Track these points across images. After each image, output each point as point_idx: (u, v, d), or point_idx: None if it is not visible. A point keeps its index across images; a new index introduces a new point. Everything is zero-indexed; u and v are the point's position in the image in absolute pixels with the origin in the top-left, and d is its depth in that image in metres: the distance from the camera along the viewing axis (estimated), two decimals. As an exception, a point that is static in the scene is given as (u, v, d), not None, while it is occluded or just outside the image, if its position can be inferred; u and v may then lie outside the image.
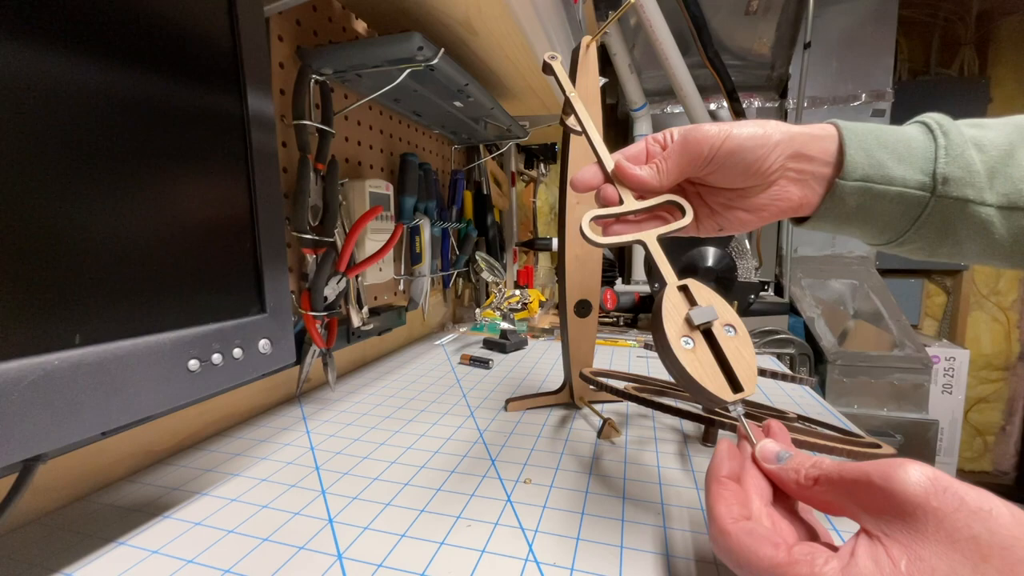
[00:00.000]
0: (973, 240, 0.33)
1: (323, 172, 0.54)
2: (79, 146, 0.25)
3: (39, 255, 0.24)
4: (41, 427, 0.23)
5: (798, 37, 1.70)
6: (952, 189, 0.31)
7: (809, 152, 0.32)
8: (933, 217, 0.32)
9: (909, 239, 0.33)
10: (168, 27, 0.30)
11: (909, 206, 0.32)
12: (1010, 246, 0.33)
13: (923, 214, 0.32)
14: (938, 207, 0.31)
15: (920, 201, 0.31)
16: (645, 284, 1.50)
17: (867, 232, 0.34)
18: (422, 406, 0.56)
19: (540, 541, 0.31)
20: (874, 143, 0.31)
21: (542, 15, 0.64)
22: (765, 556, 0.22)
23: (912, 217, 0.32)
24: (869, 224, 0.33)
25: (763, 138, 0.31)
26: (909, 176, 0.31)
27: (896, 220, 0.32)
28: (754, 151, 0.31)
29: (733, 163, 0.31)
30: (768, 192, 0.33)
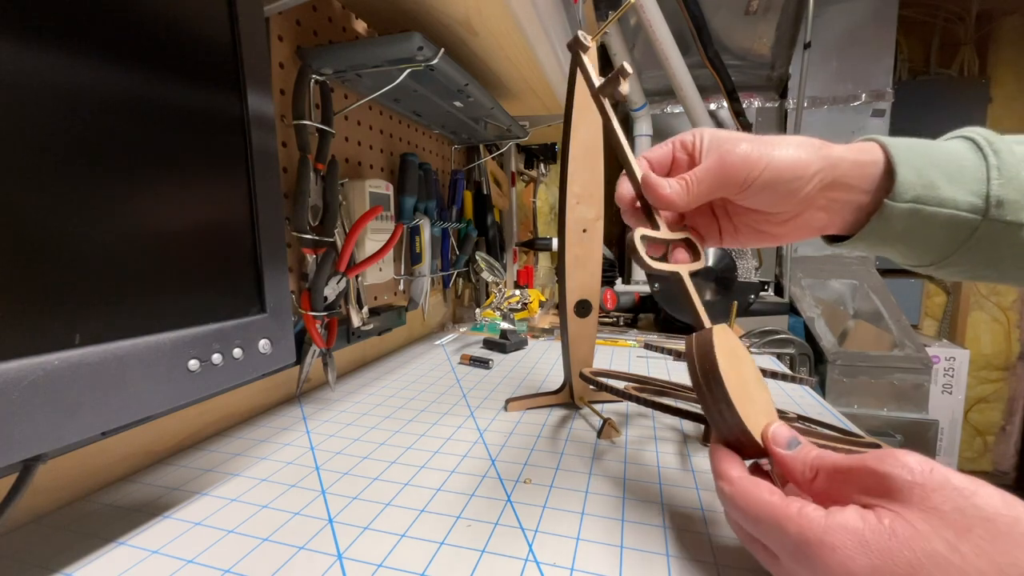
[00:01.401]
0: (1019, 266, 0.31)
1: (323, 172, 0.54)
2: (79, 146, 0.25)
3: (39, 255, 0.24)
4: (41, 427, 0.23)
5: (798, 37, 1.70)
6: (1006, 213, 0.28)
7: (848, 181, 0.30)
8: (981, 242, 0.30)
9: (952, 262, 0.31)
10: (168, 27, 0.30)
11: (957, 229, 0.29)
12: None
13: (971, 238, 0.30)
14: (988, 231, 0.29)
15: (970, 224, 0.29)
16: (645, 284, 1.50)
17: (908, 255, 0.33)
18: (422, 406, 0.56)
19: (540, 541, 0.31)
20: (924, 162, 0.29)
21: (542, 15, 0.64)
22: (764, 500, 0.24)
23: (959, 241, 0.30)
24: (912, 247, 0.31)
25: (802, 168, 0.29)
26: (960, 197, 0.29)
27: (941, 244, 0.31)
28: (790, 183, 0.29)
29: (767, 194, 0.30)
30: (797, 219, 0.32)
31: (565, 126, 0.47)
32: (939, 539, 0.19)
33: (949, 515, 0.19)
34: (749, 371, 0.30)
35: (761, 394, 0.29)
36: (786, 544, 0.22)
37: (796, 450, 0.26)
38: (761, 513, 0.24)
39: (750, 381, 0.29)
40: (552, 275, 1.81)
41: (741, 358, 0.29)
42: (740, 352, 0.30)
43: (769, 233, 0.33)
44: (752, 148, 0.29)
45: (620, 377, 0.52)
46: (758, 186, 0.29)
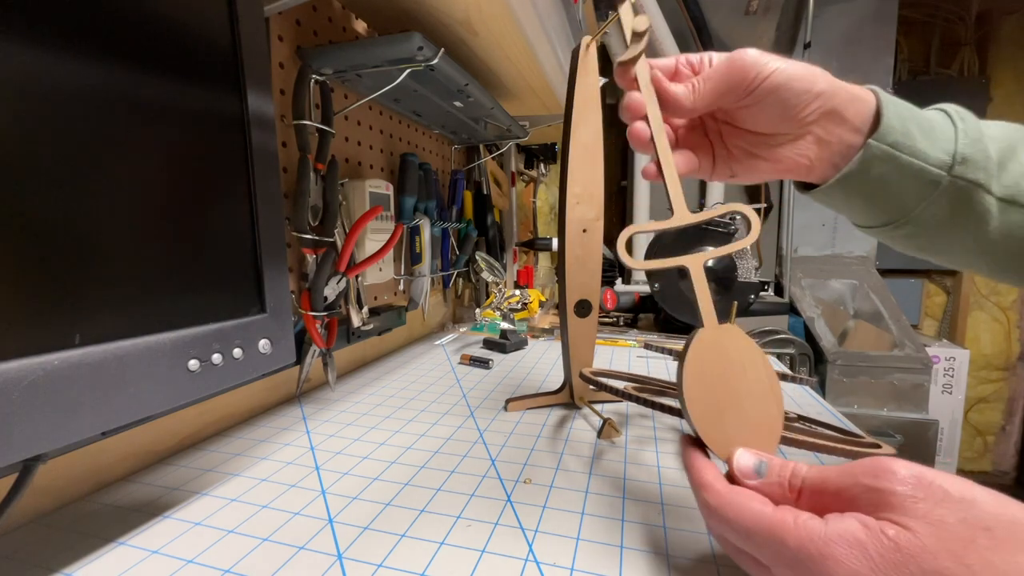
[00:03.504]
0: (968, 230, 0.33)
1: (323, 172, 0.54)
2: (78, 146, 0.25)
3: (39, 255, 0.24)
4: (41, 427, 0.23)
5: (798, 37, 1.70)
6: (968, 171, 0.31)
7: (845, 114, 0.31)
8: (941, 199, 0.32)
9: (910, 221, 0.33)
10: (168, 27, 0.30)
11: (924, 184, 0.31)
12: (998, 242, 0.33)
13: (934, 193, 0.32)
14: (950, 189, 0.31)
15: (935, 179, 0.31)
16: (645, 284, 1.50)
17: (872, 208, 0.34)
18: (422, 406, 0.56)
19: (540, 541, 0.31)
20: (907, 115, 0.31)
21: (542, 15, 0.64)
22: (756, 511, 0.22)
23: (922, 196, 0.32)
24: (878, 199, 0.33)
25: (809, 81, 0.30)
26: (931, 152, 0.31)
27: (906, 197, 0.32)
28: (798, 95, 0.30)
29: (772, 101, 0.30)
30: (792, 145, 0.32)
31: (565, 126, 0.47)
32: (946, 554, 0.18)
33: (954, 527, 0.19)
34: (752, 380, 0.27)
35: (759, 409, 0.27)
36: (783, 556, 0.21)
37: (768, 474, 0.25)
38: (753, 525, 0.22)
39: (746, 392, 0.27)
40: (552, 275, 1.81)
41: (744, 363, 0.27)
42: (745, 358, 0.27)
43: (762, 158, 0.33)
44: (763, 54, 0.30)
45: (620, 377, 0.52)
46: (765, 89, 0.29)
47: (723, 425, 0.27)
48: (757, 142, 0.33)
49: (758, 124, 0.32)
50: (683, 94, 0.31)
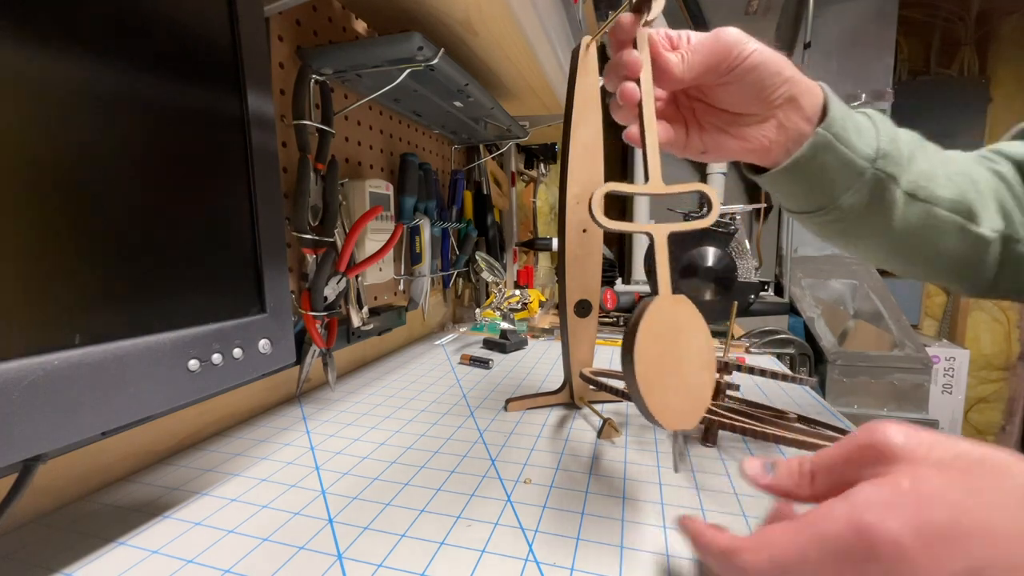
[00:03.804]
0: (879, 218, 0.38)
1: (323, 172, 0.54)
2: (78, 145, 0.25)
3: (38, 255, 0.24)
4: (41, 427, 0.23)
5: (798, 37, 1.71)
6: (887, 165, 0.36)
7: (802, 102, 0.34)
8: (863, 188, 0.37)
9: (837, 207, 0.38)
10: (168, 27, 0.30)
11: (852, 174, 0.36)
12: (897, 231, 0.39)
13: (858, 183, 0.36)
14: (871, 180, 0.36)
15: (861, 170, 0.36)
16: (645, 284, 1.50)
17: (810, 194, 0.38)
18: (422, 406, 0.56)
19: (540, 541, 0.31)
20: (845, 111, 0.36)
21: (542, 15, 0.64)
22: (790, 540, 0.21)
23: (849, 185, 0.37)
24: (815, 185, 0.37)
25: (780, 66, 0.33)
26: (860, 146, 0.36)
27: (836, 185, 0.37)
28: (771, 77, 0.32)
29: (750, 80, 0.32)
30: (758, 127, 0.35)
31: (565, 126, 0.47)
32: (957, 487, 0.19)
33: (954, 463, 0.20)
34: (693, 350, 0.28)
35: (696, 376, 0.29)
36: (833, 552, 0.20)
37: (778, 470, 0.25)
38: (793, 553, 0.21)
39: (689, 359, 0.28)
40: (552, 275, 1.81)
41: (689, 334, 0.29)
42: (690, 327, 0.29)
43: (731, 136, 0.36)
44: (743, 34, 0.32)
45: (620, 377, 0.52)
46: (745, 68, 0.32)
47: (663, 386, 0.28)
48: (728, 120, 0.35)
49: (732, 103, 0.34)
50: (675, 63, 0.32)
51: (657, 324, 0.28)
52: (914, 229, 0.39)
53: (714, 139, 0.36)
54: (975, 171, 0.42)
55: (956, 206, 0.39)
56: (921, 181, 0.38)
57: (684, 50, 0.32)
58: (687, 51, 0.32)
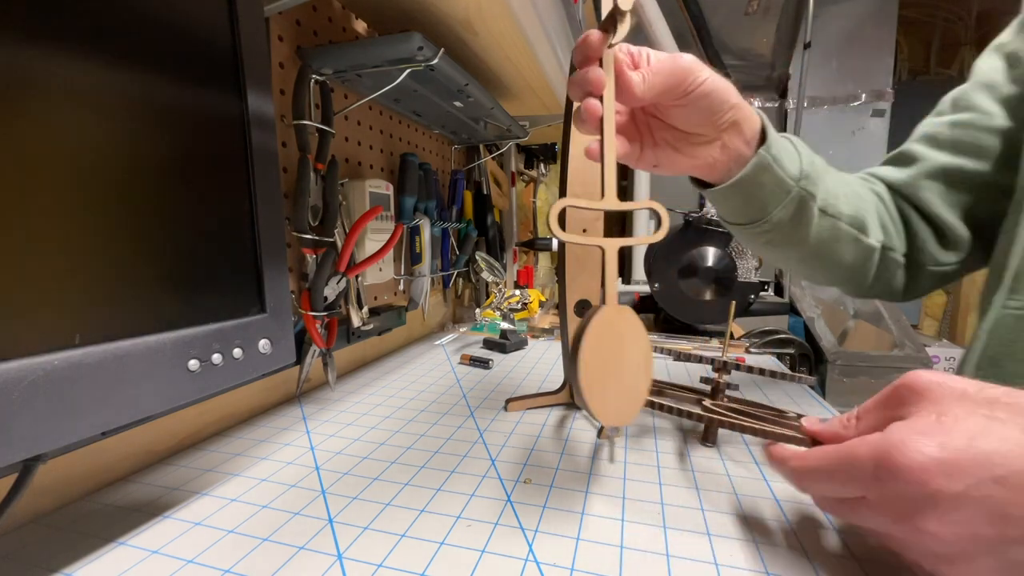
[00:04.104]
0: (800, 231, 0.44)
1: (323, 172, 0.54)
2: (78, 145, 0.25)
3: (39, 255, 0.24)
4: (41, 427, 0.23)
5: (798, 37, 1.71)
6: (808, 184, 0.42)
7: (743, 126, 0.38)
8: (790, 204, 0.42)
9: (768, 220, 0.42)
10: (168, 27, 0.30)
11: (782, 191, 0.41)
12: (813, 243, 0.45)
13: (787, 199, 0.41)
14: (796, 196, 0.41)
15: (789, 188, 0.41)
16: (645, 284, 1.50)
17: (747, 208, 0.42)
18: (422, 406, 0.56)
19: (540, 541, 0.31)
20: (777, 136, 0.40)
21: (542, 15, 0.64)
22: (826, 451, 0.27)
23: (779, 201, 0.41)
24: (753, 200, 0.41)
25: (728, 93, 0.35)
26: (788, 167, 0.40)
27: (769, 201, 0.41)
28: (720, 103, 0.35)
29: (702, 105, 0.35)
30: (707, 147, 0.38)
31: (565, 126, 0.47)
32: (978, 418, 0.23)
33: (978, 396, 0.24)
34: (633, 356, 0.31)
35: (634, 379, 0.32)
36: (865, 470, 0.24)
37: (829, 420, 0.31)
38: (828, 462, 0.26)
39: (629, 364, 0.31)
40: (552, 275, 1.81)
41: (630, 341, 0.31)
42: (632, 334, 0.31)
43: (681, 153, 0.38)
44: (698, 61, 0.34)
45: None
46: (698, 94, 0.34)
47: (604, 388, 0.31)
48: (680, 138, 0.38)
49: (685, 123, 0.36)
50: (637, 82, 0.32)
51: (602, 332, 0.31)
52: (824, 240, 0.45)
53: (666, 155, 0.38)
54: (862, 191, 0.49)
55: (853, 220, 0.46)
56: (829, 199, 0.44)
57: (645, 70, 0.33)
58: (648, 72, 0.33)
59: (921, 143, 0.51)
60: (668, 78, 0.33)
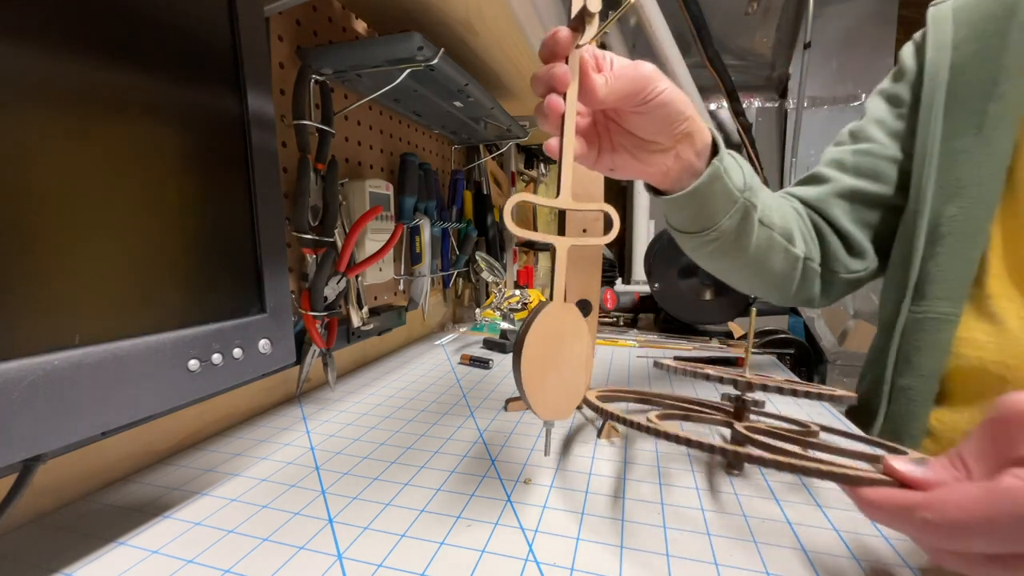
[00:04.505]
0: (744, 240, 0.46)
1: (323, 172, 0.54)
2: (78, 145, 0.25)
3: (39, 255, 0.24)
4: (41, 427, 0.23)
5: (798, 37, 1.71)
6: (750, 195, 0.44)
7: (695, 138, 0.39)
8: (736, 214, 0.44)
9: (716, 228, 0.44)
10: (168, 27, 0.30)
11: (729, 201, 0.43)
12: (753, 252, 0.48)
13: (733, 209, 0.43)
14: (741, 206, 0.44)
15: (735, 198, 0.43)
16: (645, 284, 1.50)
17: (698, 216, 0.44)
18: (422, 406, 0.56)
19: (540, 541, 0.31)
20: (725, 150, 0.42)
21: (542, 15, 0.64)
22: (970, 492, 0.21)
23: (726, 210, 0.44)
24: (704, 209, 0.43)
25: (684, 105, 0.36)
26: (735, 179, 0.43)
27: (718, 210, 0.43)
28: (676, 113, 0.36)
29: (657, 114, 0.35)
30: (662, 155, 0.39)
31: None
32: None
33: None
34: (575, 352, 0.32)
35: (573, 376, 0.33)
36: None
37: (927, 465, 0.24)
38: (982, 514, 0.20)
39: (569, 361, 0.32)
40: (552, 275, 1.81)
41: (573, 339, 0.32)
42: (576, 333, 0.32)
43: (637, 159, 0.39)
44: (658, 71, 0.35)
45: (625, 396, 0.48)
46: (657, 103, 0.35)
47: (543, 383, 0.32)
48: (637, 145, 0.38)
49: (643, 130, 0.37)
50: (600, 85, 0.33)
51: (545, 328, 0.31)
52: (761, 249, 0.49)
53: (623, 160, 0.39)
54: (784, 206, 0.53)
55: (784, 231, 0.50)
56: (765, 211, 0.47)
57: (608, 74, 0.33)
58: (611, 76, 0.33)
59: (829, 167, 0.58)
60: (629, 84, 0.33)
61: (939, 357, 0.47)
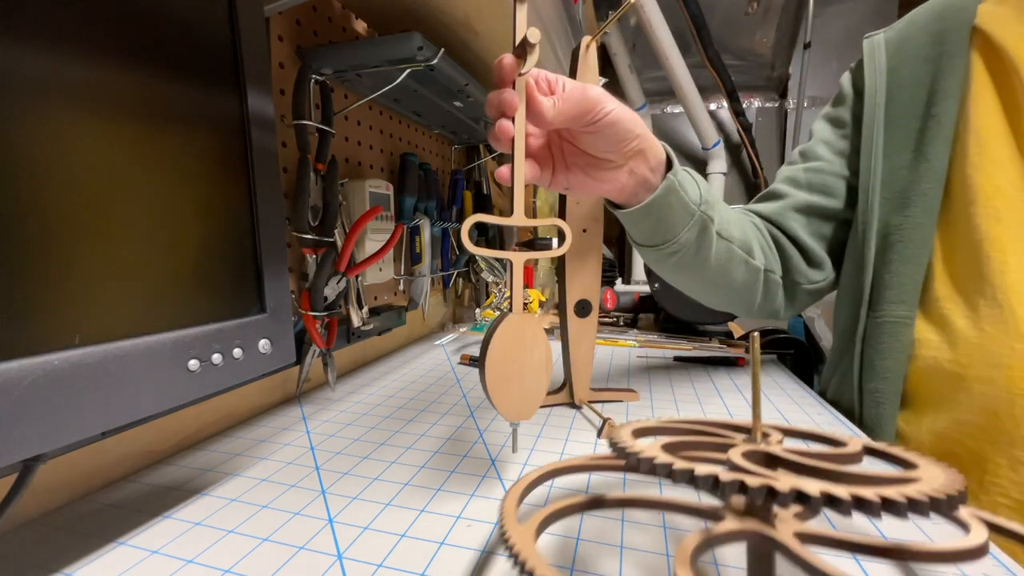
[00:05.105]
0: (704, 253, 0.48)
1: (323, 172, 0.54)
2: (78, 145, 0.25)
3: (39, 255, 0.24)
4: (41, 427, 0.23)
5: (798, 37, 1.71)
6: (707, 209, 0.45)
7: (648, 155, 0.40)
8: (694, 227, 0.45)
9: (675, 241, 0.45)
10: (168, 27, 0.30)
11: (687, 214, 0.44)
12: (713, 264, 0.49)
13: (691, 222, 0.44)
14: (698, 220, 0.45)
15: (692, 212, 0.44)
16: (645, 284, 1.50)
17: (656, 229, 0.45)
18: (422, 406, 0.56)
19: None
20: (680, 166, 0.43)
21: (542, 15, 0.64)
22: None
23: (684, 223, 0.44)
24: (662, 222, 0.44)
25: (633, 123, 0.37)
26: (691, 192, 0.44)
27: (676, 223, 0.44)
28: (626, 132, 0.37)
29: (608, 133, 0.37)
30: (615, 172, 0.40)
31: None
32: None
33: None
34: (535, 358, 0.35)
35: (534, 380, 0.36)
36: None
37: None
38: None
39: (530, 367, 0.35)
40: (552, 275, 1.81)
41: (533, 346, 0.35)
42: (535, 340, 0.35)
43: (591, 177, 0.40)
44: (606, 93, 0.36)
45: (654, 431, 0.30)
46: (605, 123, 0.36)
47: (507, 387, 0.35)
48: (591, 163, 0.40)
49: (595, 148, 0.38)
50: (547, 107, 0.35)
51: (508, 336, 0.34)
52: (722, 262, 0.50)
53: (577, 178, 0.40)
54: (743, 220, 0.55)
55: (743, 244, 0.52)
56: (724, 224, 0.49)
57: (557, 96, 0.35)
58: (559, 99, 0.35)
59: (784, 183, 0.61)
60: (576, 106, 0.35)
61: (900, 359, 0.49)
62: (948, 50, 0.48)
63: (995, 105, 0.45)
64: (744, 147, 1.78)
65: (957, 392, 0.45)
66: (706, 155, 1.77)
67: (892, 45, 0.53)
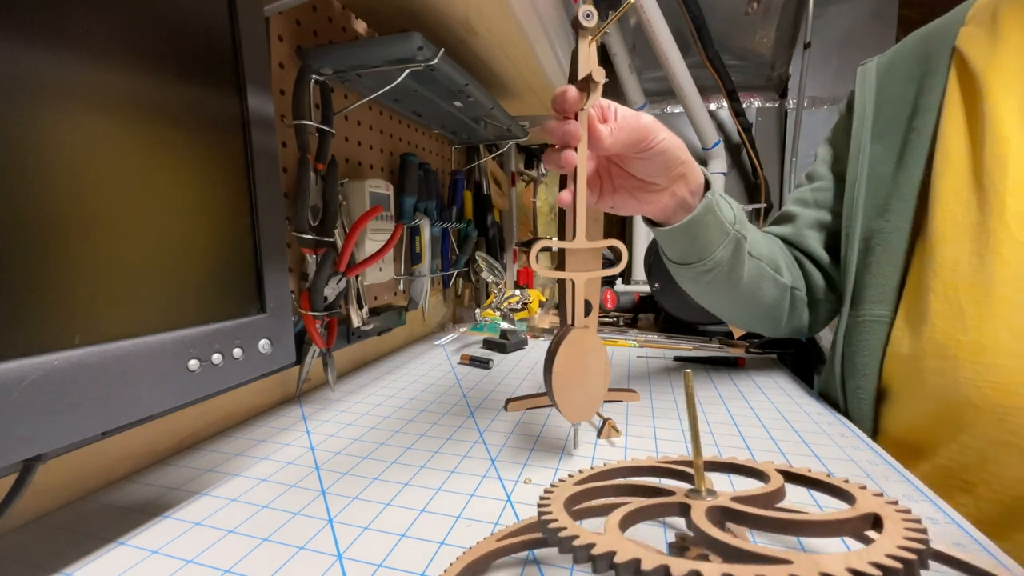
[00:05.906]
0: (737, 271, 0.51)
1: (323, 172, 0.54)
2: (78, 145, 0.25)
3: (39, 255, 0.24)
4: (41, 427, 0.23)
5: (798, 37, 1.71)
6: (741, 228, 0.49)
7: (689, 178, 0.44)
8: (729, 245, 0.48)
9: (710, 259, 0.48)
10: (168, 27, 0.30)
11: (722, 232, 0.48)
12: (745, 282, 0.52)
13: (727, 240, 0.48)
14: (733, 238, 0.48)
15: (727, 230, 0.48)
16: (645, 284, 1.50)
17: (692, 247, 0.48)
18: (422, 406, 0.56)
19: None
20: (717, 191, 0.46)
21: (542, 15, 0.64)
22: None
23: (720, 242, 0.48)
24: (698, 240, 0.47)
25: (680, 151, 0.41)
26: (725, 212, 0.47)
27: (713, 240, 0.48)
28: (674, 158, 0.41)
29: (657, 160, 0.40)
30: (659, 194, 0.44)
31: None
32: None
33: None
34: (595, 366, 0.40)
35: (595, 384, 0.40)
36: None
37: None
38: None
39: (590, 373, 0.40)
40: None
41: (592, 355, 0.40)
42: (595, 350, 0.40)
43: (636, 199, 0.44)
44: (657, 122, 0.39)
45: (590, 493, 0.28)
46: (656, 151, 0.39)
47: (571, 392, 0.39)
48: (637, 186, 0.43)
49: (643, 173, 0.42)
50: (605, 135, 0.37)
51: (571, 348, 0.39)
52: (753, 280, 0.53)
53: (623, 199, 0.44)
54: (769, 239, 0.59)
55: (771, 262, 0.55)
56: (754, 243, 0.52)
57: (612, 124, 0.37)
58: (615, 126, 0.37)
59: (795, 205, 0.65)
60: (632, 134, 0.38)
61: (877, 356, 0.51)
62: (931, 68, 0.51)
63: (961, 120, 0.48)
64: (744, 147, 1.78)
65: (916, 384, 0.47)
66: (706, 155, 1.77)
67: (882, 67, 0.58)
